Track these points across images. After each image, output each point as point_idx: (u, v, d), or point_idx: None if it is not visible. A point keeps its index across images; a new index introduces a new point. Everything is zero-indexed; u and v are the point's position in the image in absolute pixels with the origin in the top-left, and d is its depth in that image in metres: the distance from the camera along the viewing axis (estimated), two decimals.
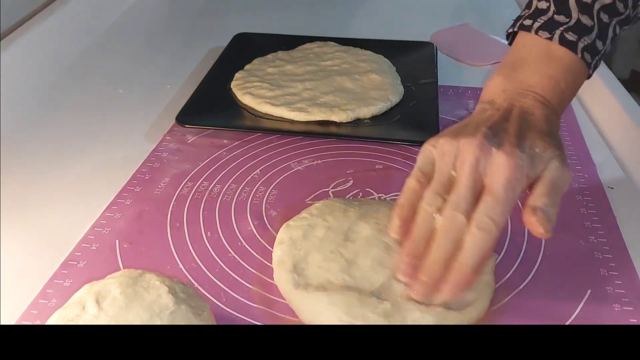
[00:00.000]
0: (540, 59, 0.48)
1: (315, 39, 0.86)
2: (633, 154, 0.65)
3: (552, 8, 0.49)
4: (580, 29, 0.47)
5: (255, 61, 0.80)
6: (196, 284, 0.49)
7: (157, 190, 0.59)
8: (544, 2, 0.49)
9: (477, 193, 0.42)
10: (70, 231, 0.54)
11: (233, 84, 0.76)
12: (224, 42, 0.86)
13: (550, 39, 0.47)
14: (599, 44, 0.48)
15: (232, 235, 0.54)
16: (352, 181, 0.60)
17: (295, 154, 0.65)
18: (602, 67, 0.79)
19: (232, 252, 0.52)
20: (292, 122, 0.69)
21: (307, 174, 0.62)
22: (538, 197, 0.42)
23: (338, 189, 0.60)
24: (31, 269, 0.51)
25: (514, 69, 0.49)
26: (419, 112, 0.70)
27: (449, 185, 0.43)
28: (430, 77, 0.76)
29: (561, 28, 0.47)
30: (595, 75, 0.53)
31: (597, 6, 0.48)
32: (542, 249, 0.52)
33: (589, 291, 0.48)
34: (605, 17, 0.48)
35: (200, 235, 0.54)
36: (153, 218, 0.56)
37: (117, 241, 0.53)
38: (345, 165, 0.63)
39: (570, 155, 0.64)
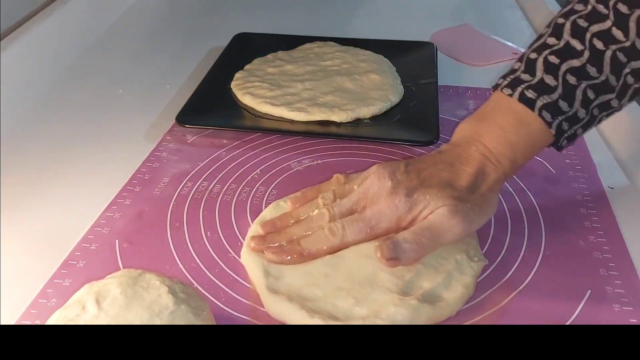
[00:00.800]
0: (498, 112, 0.49)
1: (315, 39, 0.86)
2: (633, 154, 0.65)
3: (522, 68, 0.50)
4: (541, 88, 0.48)
5: (255, 61, 0.80)
6: (196, 284, 0.49)
7: (157, 190, 0.59)
8: (518, 62, 0.51)
9: (356, 211, 0.49)
10: (70, 231, 0.54)
11: (233, 84, 0.76)
12: (224, 42, 0.86)
13: (511, 95, 0.48)
14: (563, 104, 0.48)
15: (232, 235, 0.54)
16: None
17: (295, 154, 0.65)
18: None
19: (232, 252, 0.52)
20: (292, 122, 0.69)
21: (307, 174, 0.62)
22: (404, 231, 0.46)
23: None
24: (31, 269, 0.51)
25: (476, 119, 0.50)
26: (419, 112, 0.70)
27: (346, 195, 0.50)
28: (430, 77, 0.76)
29: (523, 86, 0.48)
30: None
31: (564, 68, 0.48)
32: (542, 249, 0.52)
33: (589, 291, 0.48)
34: (572, 79, 0.48)
35: (200, 235, 0.54)
36: (153, 218, 0.56)
37: (116, 241, 0.53)
38: (345, 165, 0.63)
39: (570, 155, 0.64)
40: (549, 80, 0.48)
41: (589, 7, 0.49)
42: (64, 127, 0.71)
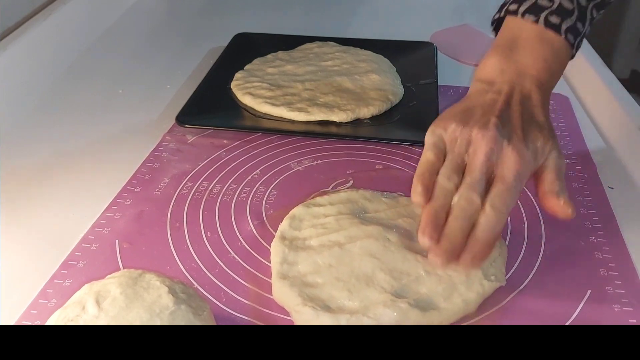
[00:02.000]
0: (533, 40, 0.52)
1: (315, 39, 0.86)
2: (633, 154, 0.65)
3: None
4: (562, 12, 0.51)
5: (255, 61, 0.80)
6: (196, 284, 0.49)
7: (157, 190, 0.59)
8: None
9: (488, 181, 0.46)
10: (70, 231, 0.54)
11: (233, 84, 0.76)
12: (224, 42, 0.86)
13: (537, 22, 0.51)
14: (579, 25, 0.52)
15: (232, 235, 0.54)
16: (352, 181, 0.60)
17: (295, 154, 0.65)
18: (602, 67, 0.79)
19: (232, 252, 0.52)
20: (292, 122, 0.69)
21: (307, 174, 0.62)
22: (553, 184, 0.47)
23: (338, 189, 0.60)
24: (31, 269, 0.51)
25: (510, 49, 0.52)
26: (419, 112, 0.70)
27: (461, 169, 0.47)
28: (430, 77, 0.76)
29: (545, 12, 0.51)
30: (595, 75, 0.54)
31: None
32: (542, 249, 0.52)
33: (589, 291, 0.48)
34: (583, 1, 0.52)
35: (200, 235, 0.54)
36: (153, 218, 0.56)
37: (117, 241, 0.53)
38: (345, 165, 0.63)
39: (570, 155, 0.64)
40: (566, 4, 0.51)
41: None
42: (64, 127, 0.71)
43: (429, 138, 0.49)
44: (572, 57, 0.53)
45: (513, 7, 0.53)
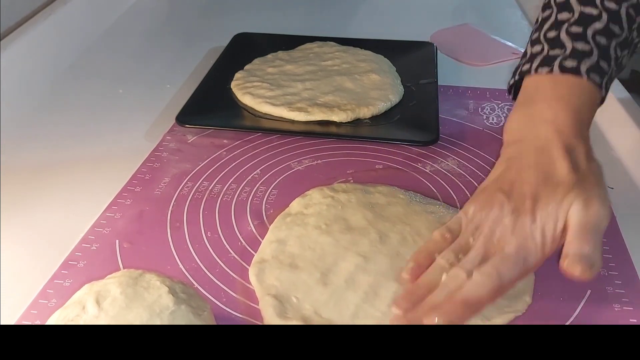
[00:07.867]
0: (546, 88, 0.48)
1: (315, 39, 0.86)
2: (633, 154, 0.64)
3: (546, 47, 0.49)
4: (578, 54, 0.47)
5: (256, 61, 0.80)
6: (196, 284, 0.49)
7: (157, 190, 0.59)
8: (537, 46, 0.50)
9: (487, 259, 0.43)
10: (70, 231, 0.54)
11: (233, 84, 0.76)
12: (224, 42, 0.86)
13: (551, 71, 0.47)
14: (603, 64, 0.47)
15: (232, 235, 0.54)
16: (352, 181, 0.60)
17: (295, 154, 0.65)
18: None
19: (232, 252, 0.52)
20: (292, 122, 0.69)
21: (307, 174, 0.62)
22: (567, 245, 0.42)
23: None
24: (31, 269, 0.51)
25: (525, 105, 0.48)
26: (419, 112, 0.70)
27: (464, 251, 0.44)
28: (430, 77, 0.76)
29: (558, 59, 0.47)
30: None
31: (590, 32, 0.48)
32: None
33: (589, 291, 0.48)
34: (602, 40, 0.48)
35: (200, 235, 0.54)
36: (153, 218, 0.56)
37: (117, 241, 0.53)
38: (345, 165, 0.63)
39: None
40: (582, 46, 0.47)
41: None
42: (64, 127, 0.71)
43: (451, 220, 0.47)
44: (603, 100, 0.49)
45: (526, 67, 0.49)
